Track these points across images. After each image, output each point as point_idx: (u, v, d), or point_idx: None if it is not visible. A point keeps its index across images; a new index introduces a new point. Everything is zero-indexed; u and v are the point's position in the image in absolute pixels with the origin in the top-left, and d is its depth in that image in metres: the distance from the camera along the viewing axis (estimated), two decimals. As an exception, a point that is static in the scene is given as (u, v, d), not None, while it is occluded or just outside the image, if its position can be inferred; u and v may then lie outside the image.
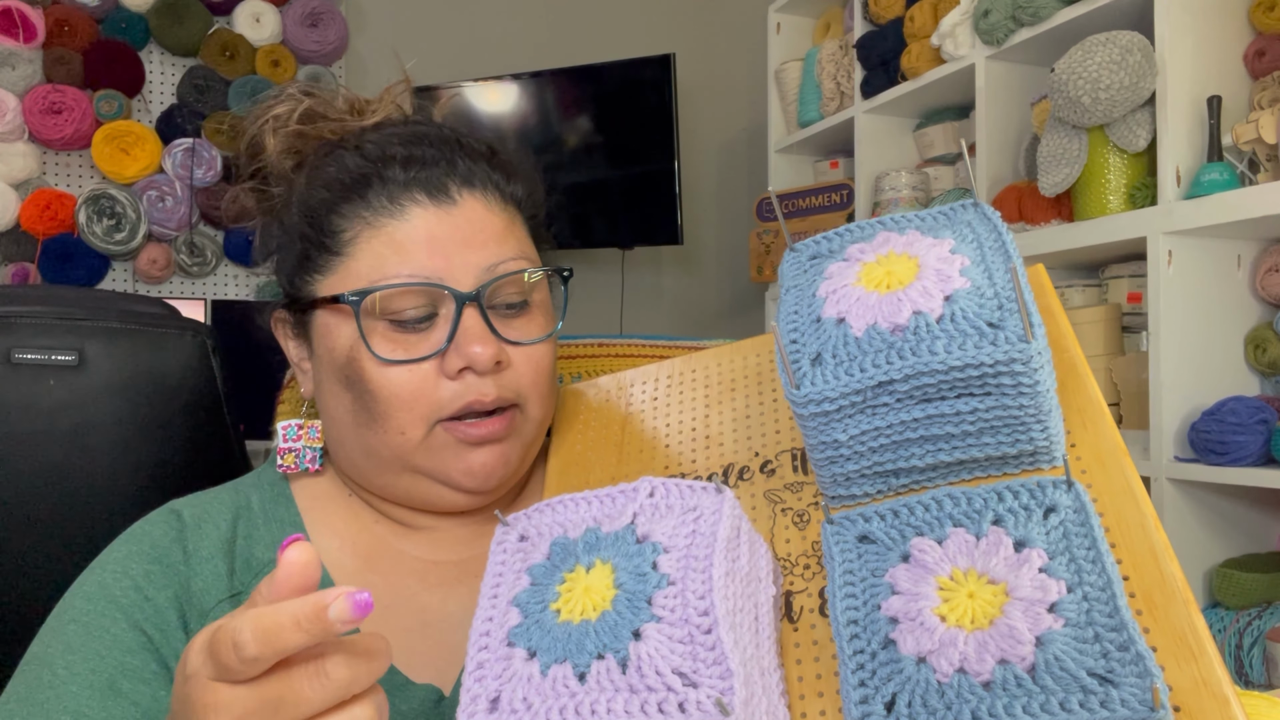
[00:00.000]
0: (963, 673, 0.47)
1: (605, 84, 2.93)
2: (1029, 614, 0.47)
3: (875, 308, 0.55)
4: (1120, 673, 0.45)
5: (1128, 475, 0.55)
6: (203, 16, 2.76)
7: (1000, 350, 0.52)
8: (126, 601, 0.70)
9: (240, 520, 0.75)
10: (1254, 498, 1.76)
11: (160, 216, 2.70)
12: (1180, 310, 1.71)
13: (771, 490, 0.64)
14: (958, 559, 0.51)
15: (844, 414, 0.55)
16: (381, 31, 3.05)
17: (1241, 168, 1.71)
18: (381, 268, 0.70)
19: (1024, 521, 0.51)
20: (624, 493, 0.56)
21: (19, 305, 1.11)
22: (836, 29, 2.87)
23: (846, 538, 0.55)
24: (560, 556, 0.54)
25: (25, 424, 1.09)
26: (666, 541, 0.52)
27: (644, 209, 2.93)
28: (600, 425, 0.75)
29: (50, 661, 0.68)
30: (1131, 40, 1.70)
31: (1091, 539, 0.50)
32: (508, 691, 0.49)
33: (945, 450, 0.56)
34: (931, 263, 0.56)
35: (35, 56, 2.60)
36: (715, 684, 0.46)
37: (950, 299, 0.54)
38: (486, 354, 0.69)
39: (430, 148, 0.73)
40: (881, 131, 2.58)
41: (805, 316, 0.58)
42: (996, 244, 0.58)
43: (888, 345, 0.54)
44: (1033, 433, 0.54)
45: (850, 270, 0.58)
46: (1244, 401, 1.62)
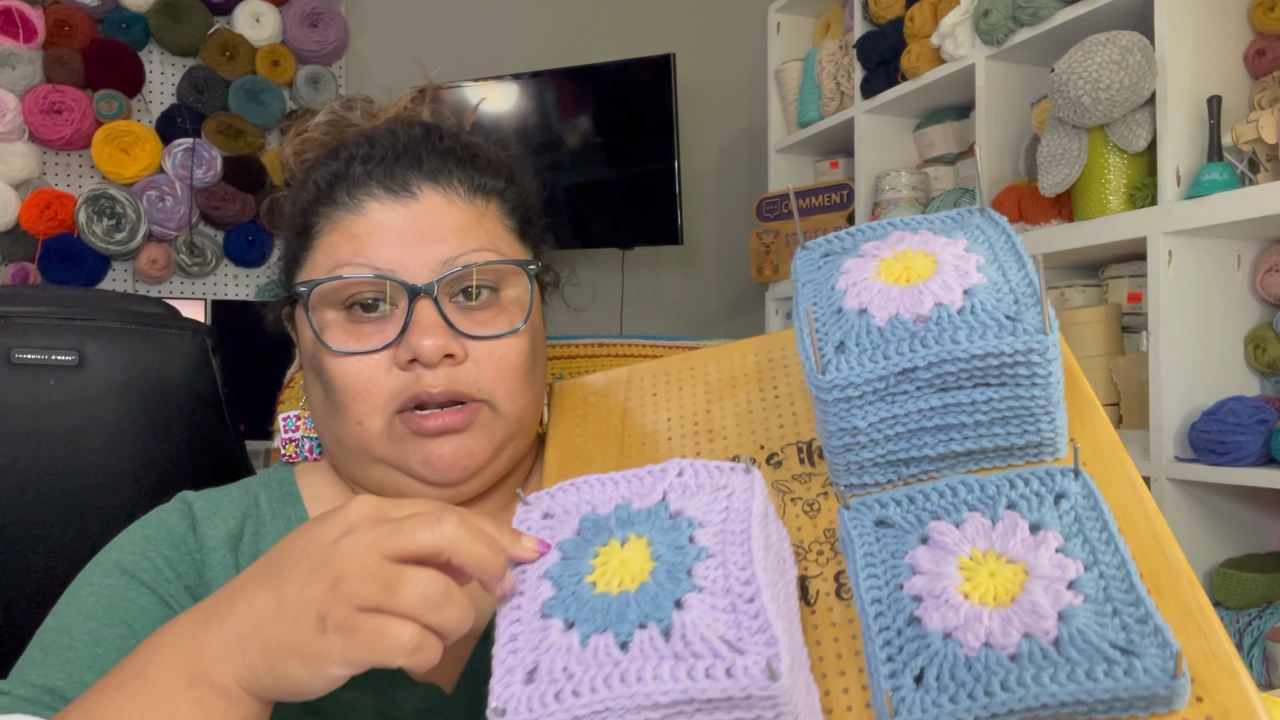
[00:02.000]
0: (989, 646, 0.48)
1: (605, 84, 2.93)
2: (1050, 591, 0.49)
3: (897, 299, 0.57)
4: (1141, 644, 0.46)
5: (1126, 468, 0.57)
6: (203, 16, 2.76)
7: (1020, 340, 0.54)
8: (148, 577, 0.70)
9: (249, 519, 0.76)
10: (1254, 498, 1.76)
11: (160, 216, 2.70)
12: (1180, 310, 1.71)
13: (779, 481, 0.65)
14: (976, 540, 0.52)
15: (865, 400, 0.57)
16: (381, 31, 3.05)
17: (1241, 168, 1.70)
18: (335, 258, 0.72)
19: (1037, 506, 0.53)
20: (651, 473, 0.57)
21: (19, 305, 1.11)
22: (836, 29, 2.87)
23: (864, 522, 0.56)
24: (592, 531, 0.54)
25: (25, 424, 1.09)
26: (701, 517, 0.53)
27: (644, 209, 2.93)
28: (599, 418, 0.75)
29: (69, 629, 0.67)
30: (1131, 40, 1.70)
31: (1103, 521, 0.52)
32: (546, 662, 0.49)
33: (957, 440, 0.57)
34: (949, 259, 0.59)
35: (35, 56, 2.60)
36: (762, 650, 0.46)
37: (969, 293, 0.56)
38: (433, 345, 0.68)
39: (395, 144, 0.75)
40: (881, 131, 2.58)
41: (825, 308, 0.60)
42: (1006, 245, 0.61)
43: (910, 334, 0.56)
44: (1040, 424, 0.56)
45: (868, 265, 0.60)
46: (1244, 401, 1.62)
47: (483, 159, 0.77)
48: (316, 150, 0.78)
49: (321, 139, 0.79)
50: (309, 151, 0.79)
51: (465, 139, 0.78)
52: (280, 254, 0.80)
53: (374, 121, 0.80)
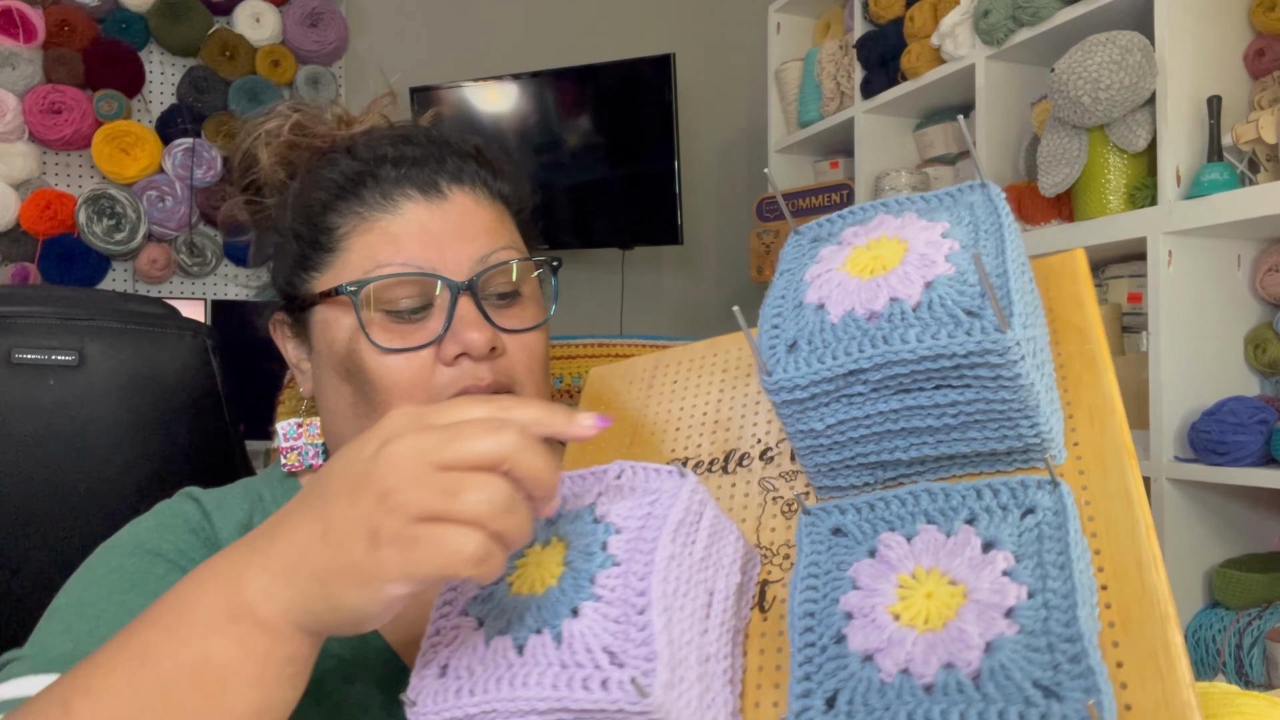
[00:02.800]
0: (906, 673, 0.46)
1: (605, 84, 2.92)
2: (983, 617, 0.46)
3: (854, 294, 0.54)
4: (1067, 686, 0.43)
5: (1127, 479, 0.53)
6: (203, 16, 2.76)
7: (973, 340, 0.49)
8: (174, 555, 0.70)
9: (255, 512, 0.76)
10: (1254, 498, 1.76)
11: (160, 216, 2.70)
12: (1180, 310, 1.71)
13: (767, 478, 0.64)
14: (922, 557, 0.49)
15: (818, 402, 0.54)
16: (381, 31, 3.05)
17: (1241, 168, 1.70)
18: (376, 259, 0.73)
19: (997, 522, 0.50)
20: (595, 474, 0.57)
21: (19, 305, 1.11)
22: (836, 29, 2.87)
23: (820, 530, 0.54)
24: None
25: (25, 424, 1.09)
26: (620, 523, 0.52)
27: (644, 209, 2.93)
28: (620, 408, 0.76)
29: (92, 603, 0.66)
30: (1131, 40, 1.70)
31: (1064, 544, 0.48)
32: (456, 658, 0.50)
33: (929, 444, 0.54)
34: (918, 247, 0.54)
35: (35, 56, 2.60)
36: (640, 665, 0.46)
37: (931, 285, 0.52)
38: (482, 339, 0.71)
39: (419, 147, 0.76)
40: (881, 131, 2.58)
41: (789, 301, 0.57)
42: (993, 227, 0.56)
43: (861, 332, 0.52)
44: (1021, 429, 0.52)
45: (839, 254, 0.57)
46: (1244, 401, 1.62)
47: (497, 164, 0.80)
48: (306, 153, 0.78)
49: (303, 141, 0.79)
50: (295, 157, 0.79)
51: (473, 141, 0.80)
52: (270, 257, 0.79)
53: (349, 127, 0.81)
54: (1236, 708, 0.55)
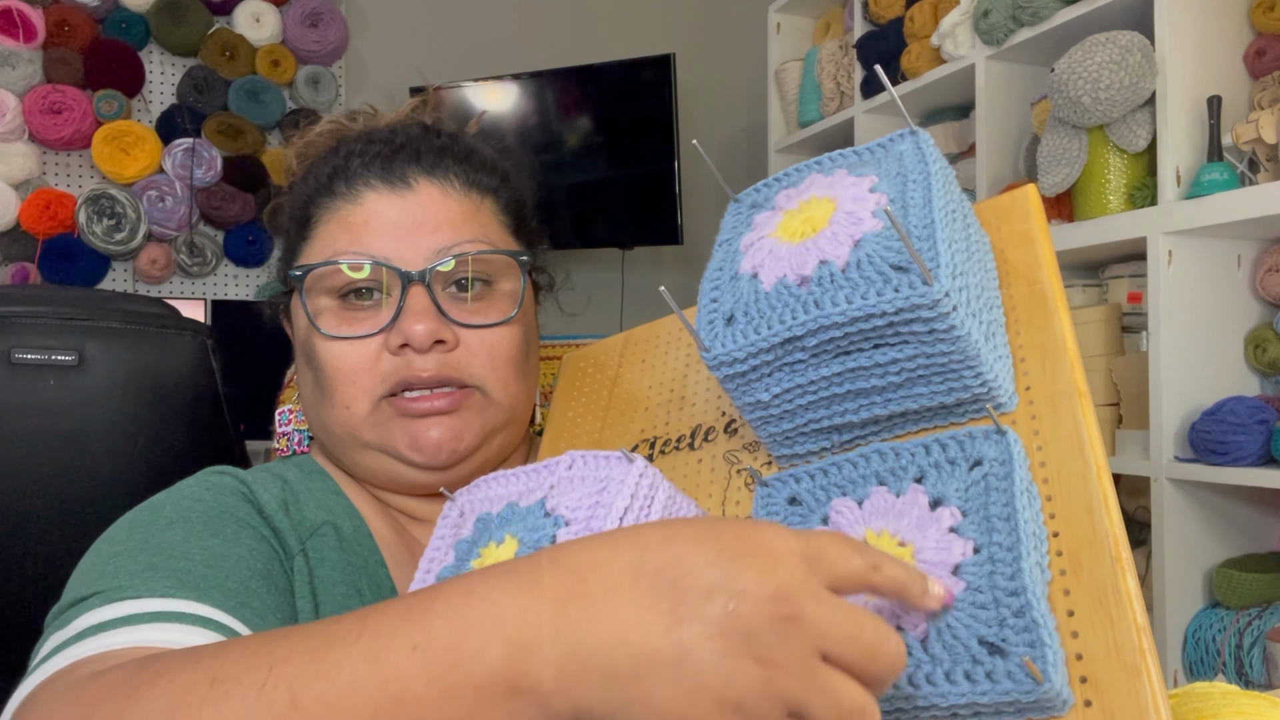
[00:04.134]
0: None
1: (605, 84, 2.92)
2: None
3: (785, 260, 0.53)
4: (1013, 641, 0.42)
5: (1079, 421, 0.51)
6: (203, 16, 2.76)
7: (901, 297, 0.48)
8: (243, 514, 0.66)
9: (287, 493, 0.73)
10: (1254, 498, 1.76)
11: (160, 216, 2.70)
12: (1180, 310, 1.70)
13: (731, 451, 0.63)
14: (873, 520, 0.49)
15: (760, 373, 0.53)
16: (381, 31, 3.05)
17: (1241, 168, 1.70)
18: (333, 247, 0.73)
19: (946, 478, 0.49)
20: (548, 466, 0.57)
21: (19, 305, 1.11)
22: (836, 29, 2.87)
23: (777, 500, 0.54)
24: (480, 532, 0.54)
25: (25, 424, 1.09)
26: (569, 514, 0.52)
27: (644, 209, 2.92)
28: (592, 391, 0.75)
29: (167, 548, 0.59)
30: (1131, 40, 1.70)
31: (1009, 494, 0.47)
32: None
33: (878, 404, 0.53)
34: (845, 204, 0.53)
35: (35, 56, 2.60)
36: None
37: (859, 244, 0.51)
38: (425, 331, 0.69)
39: (393, 140, 0.76)
40: (881, 131, 2.58)
41: (725, 272, 0.56)
42: (922, 175, 0.54)
43: (794, 299, 0.51)
44: (965, 379, 0.51)
45: (772, 220, 0.56)
46: (1244, 401, 1.62)
47: (478, 157, 0.79)
48: (317, 153, 0.80)
49: (323, 143, 0.81)
50: (311, 154, 0.81)
51: (462, 138, 0.80)
52: (280, 252, 0.81)
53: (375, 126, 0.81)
54: (1236, 708, 0.55)
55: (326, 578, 0.69)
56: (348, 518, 0.74)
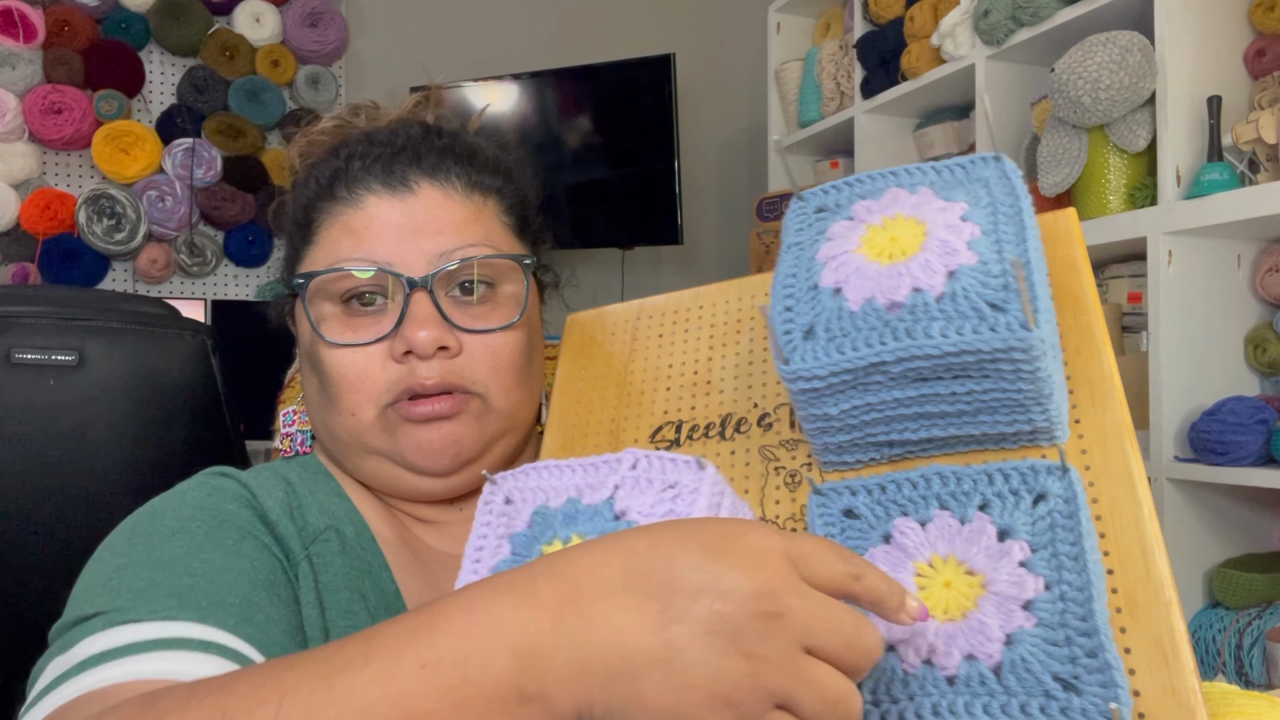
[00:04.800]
0: (929, 664, 0.46)
1: (605, 84, 2.92)
2: (1002, 610, 0.46)
3: (874, 280, 0.52)
4: (1085, 680, 0.44)
5: (1129, 460, 0.52)
6: (203, 16, 2.76)
7: (999, 338, 0.49)
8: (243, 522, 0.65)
9: (290, 497, 0.72)
10: (1254, 498, 1.76)
11: (160, 216, 2.70)
12: (1180, 310, 1.70)
13: (767, 446, 0.63)
14: (938, 544, 0.49)
15: (834, 390, 0.53)
16: (381, 31, 3.05)
17: (1241, 168, 1.70)
18: (335, 253, 0.72)
19: (1011, 509, 0.49)
20: (607, 463, 0.55)
21: (19, 305, 1.11)
22: (836, 29, 2.87)
23: (831, 510, 0.54)
24: (540, 527, 0.53)
25: (25, 424, 1.09)
26: (642, 520, 0.51)
27: (644, 209, 2.92)
28: (604, 361, 0.73)
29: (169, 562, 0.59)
30: (1131, 40, 1.70)
31: (1077, 534, 0.48)
32: None
33: (939, 426, 0.54)
34: (938, 232, 0.53)
35: (35, 56, 2.60)
36: None
37: (954, 275, 0.51)
38: (428, 338, 0.69)
39: (394, 141, 0.75)
40: (881, 131, 2.58)
41: (802, 282, 0.55)
42: (1012, 211, 0.54)
43: (883, 324, 0.51)
44: (1032, 414, 0.52)
45: (853, 233, 0.55)
46: (1244, 401, 1.62)
47: (481, 157, 0.78)
48: (320, 152, 0.79)
49: (326, 141, 0.80)
50: (313, 153, 0.80)
51: (464, 138, 0.79)
52: (283, 253, 0.81)
53: (377, 125, 0.81)
54: (1237, 708, 0.55)
55: (330, 583, 0.69)
56: (350, 521, 0.74)
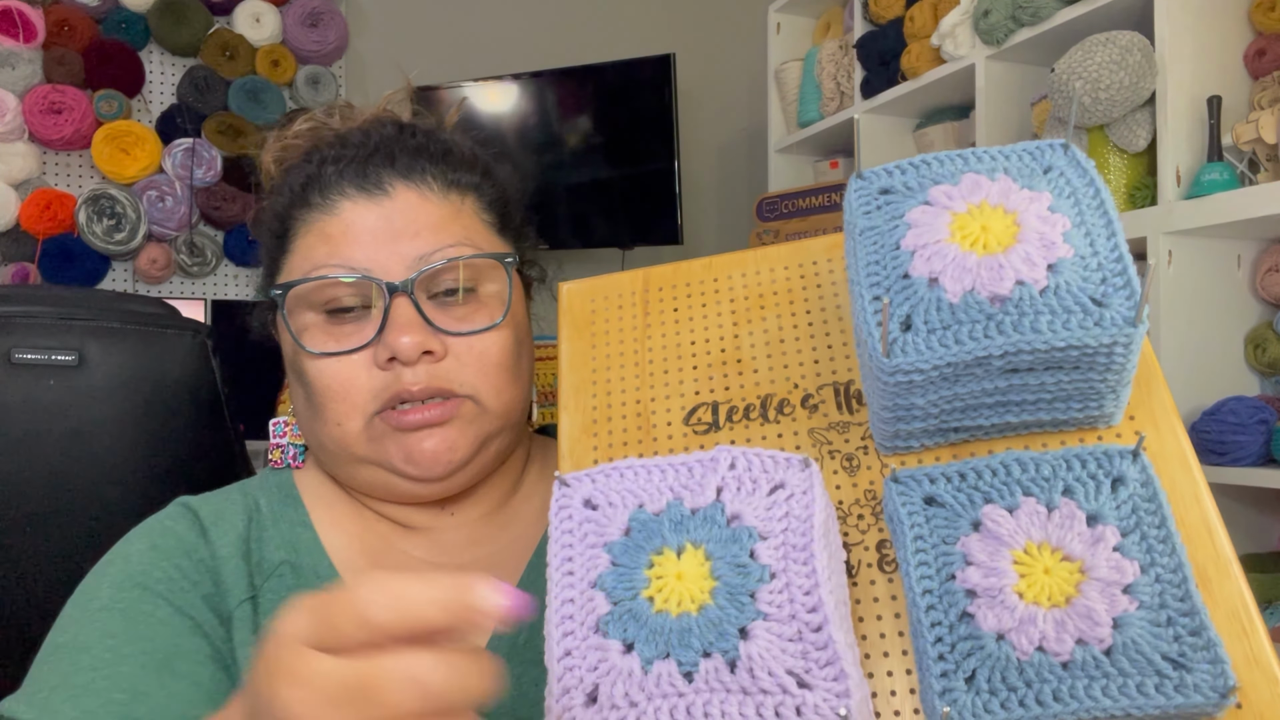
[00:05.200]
0: (1042, 651, 0.47)
1: (605, 84, 2.92)
2: (1105, 595, 0.47)
3: (974, 272, 0.51)
4: (1193, 658, 0.45)
5: (1181, 441, 0.53)
6: (203, 16, 2.76)
7: (1107, 333, 0.49)
8: (163, 588, 0.68)
9: (252, 522, 0.74)
10: (1254, 498, 1.75)
11: (160, 216, 2.71)
12: (1180, 310, 1.70)
13: (817, 429, 0.61)
14: (1031, 531, 0.49)
15: (929, 382, 0.52)
16: (381, 31, 3.05)
17: (1241, 168, 1.70)
18: (312, 260, 0.71)
19: (1094, 494, 0.50)
20: (702, 462, 0.53)
21: (19, 305, 1.11)
22: (836, 29, 2.87)
23: (913, 499, 0.53)
24: (643, 535, 0.50)
25: (25, 424, 1.09)
26: (761, 527, 0.50)
27: (644, 209, 2.93)
28: (616, 334, 0.69)
29: (87, 647, 0.65)
30: (1131, 40, 1.70)
31: (1161, 516, 0.49)
32: (606, 685, 0.46)
33: (1014, 412, 0.54)
34: (1032, 224, 0.52)
35: (35, 56, 2.60)
36: (830, 685, 0.45)
37: (1054, 269, 0.51)
38: (411, 343, 0.68)
39: (366, 144, 0.74)
40: (881, 131, 2.58)
41: (889, 271, 0.54)
42: (1094, 203, 0.54)
43: (986, 316, 0.51)
44: (1104, 402, 0.53)
45: (939, 221, 0.54)
46: (1244, 401, 1.62)
47: (457, 154, 0.76)
48: (295, 156, 0.78)
49: (301, 145, 0.78)
50: (289, 158, 0.78)
51: (439, 135, 0.77)
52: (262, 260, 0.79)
53: (352, 125, 0.79)
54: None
55: None
56: (309, 553, 0.73)
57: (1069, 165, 0.57)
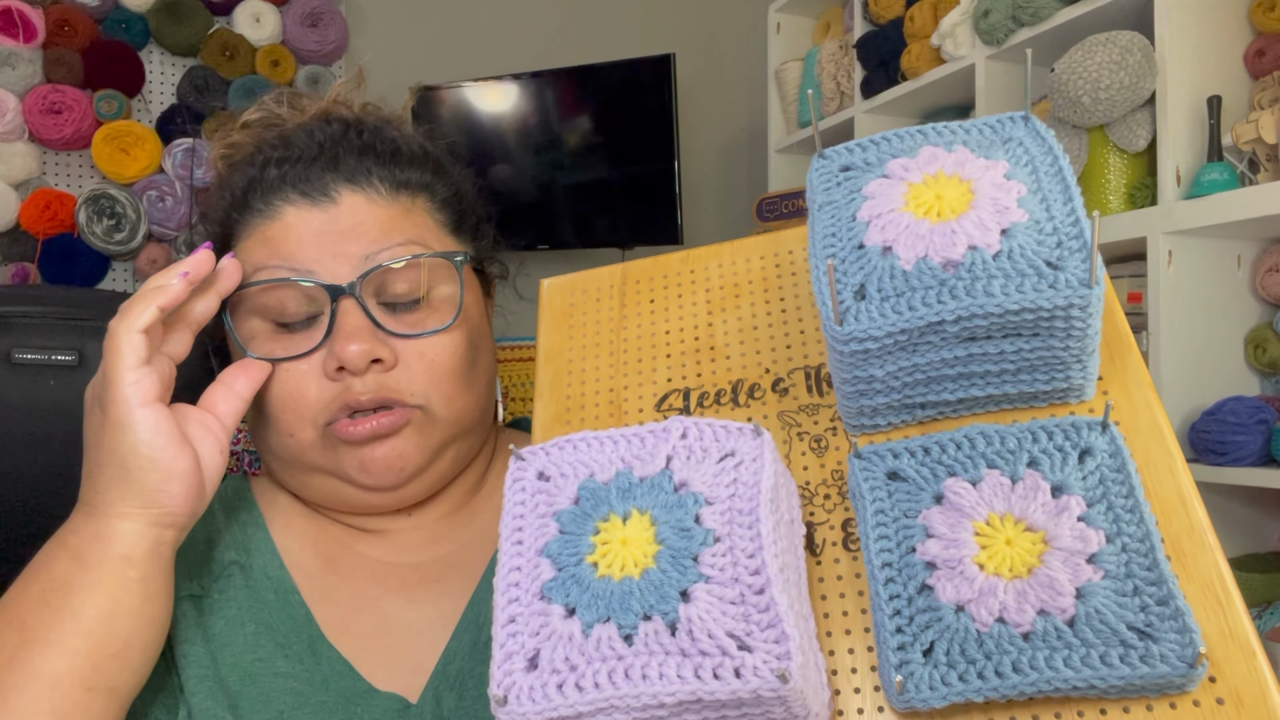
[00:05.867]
0: (1002, 623, 0.46)
1: (605, 84, 2.92)
2: (1069, 564, 0.46)
3: (926, 238, 0.51)
4: (1159, 627, 0.45)
5: (1155, 413, 0.53)
6: (203, 16, 2.76)
7: (1060, 295, 0.48)
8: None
9: (201, 524, 0.73)
10: (1254, 498, 1.76)
11: (160, 216, 2.70)
12: (1180, 310, 1.71)
13: (786, 411, 0.61)
14: (994, 503, 0.49)
15: (885, 351, 0.52)
16: (381, 31, 3.05)
17: (1241, 168, 1.71)
18: (253, 263, 0.69)
19: (1060, 465, 0.49)
20: (654, 433, 0.53)
21: (19, 305, 1.11)
22: (836, 29, 2.87)
23: (875, 474, 0.53)
24: (591, 503, 0.51)
25: (25, 424, 1.09)
26: (708, 492, 0.49)
27: (644, 209, 2.93)
28: (593, 326, 0.69)
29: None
30: (1131, 40, 1.70)
31: (1129, 486, 0.49)
32: (547, 649, 0.47)
33: (979, 386, 0.53)
34: (987, 190, 0.52)
35: (35, 56, 2.60)
36: (771, 648, 0.44)
37: (1007, 233, 0.50)
38: (359, 352, 0.65)
39: (310, 144, 0.72)
40: (881, 131, 2.58)
41: (845, 241, 0.54)
42: (1052, 170, 0.54)
43: (939, 282, 0.50)
44: (1070, 372, 0.52)
45: (894, 191, 0.54)
46: (1244, 401, 1.62)
47: (406, 152, 0.74)
48: (241, 153, 0.75)
49: (248, 140, 0.76)
50: (235, 154, 0.76)
51: (387, 133, 0.75)
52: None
53: (301, 117, 0.77)
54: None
55: (234, 618, 0.68)
56: (261, 553, 0.72)
57: (1028, 136, 0.57)
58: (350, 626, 0.70)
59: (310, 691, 0.66)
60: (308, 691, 0.66)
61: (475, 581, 0.73)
